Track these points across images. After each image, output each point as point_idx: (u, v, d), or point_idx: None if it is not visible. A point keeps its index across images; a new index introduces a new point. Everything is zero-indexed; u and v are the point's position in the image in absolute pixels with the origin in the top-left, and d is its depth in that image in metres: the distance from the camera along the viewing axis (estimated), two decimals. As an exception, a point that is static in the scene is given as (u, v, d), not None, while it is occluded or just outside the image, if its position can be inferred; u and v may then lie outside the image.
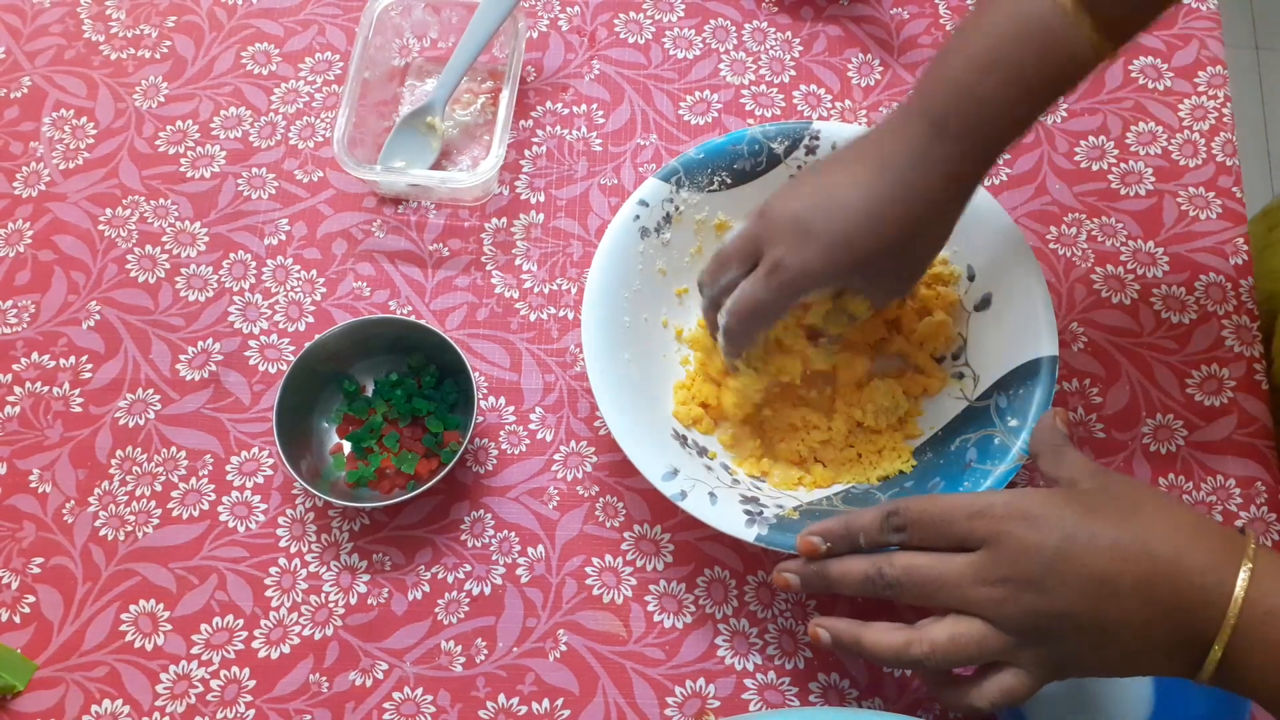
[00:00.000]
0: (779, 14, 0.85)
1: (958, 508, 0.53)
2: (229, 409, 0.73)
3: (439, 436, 0.70)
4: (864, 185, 0.58)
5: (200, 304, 0.76)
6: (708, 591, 0.68)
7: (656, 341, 0.72)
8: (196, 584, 0.69)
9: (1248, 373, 0.73)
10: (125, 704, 0.66)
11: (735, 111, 0.81)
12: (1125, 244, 0.77)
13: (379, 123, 0.80)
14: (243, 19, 0.85)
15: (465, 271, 0.77)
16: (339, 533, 0.70)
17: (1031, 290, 0.67)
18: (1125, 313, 0.75)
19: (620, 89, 0.82)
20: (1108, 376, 0.73)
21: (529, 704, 0.66)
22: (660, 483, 0.64)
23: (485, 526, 0.70)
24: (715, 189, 0.73)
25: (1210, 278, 0.75)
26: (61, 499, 0.71)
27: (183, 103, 0.82)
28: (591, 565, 0.69)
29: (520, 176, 0.80)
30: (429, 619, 0.68)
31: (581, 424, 0.73)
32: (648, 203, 0.72)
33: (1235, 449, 0.71)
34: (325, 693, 0.66)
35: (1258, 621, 0.47)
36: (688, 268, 0.74)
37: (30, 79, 0.83)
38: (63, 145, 0.81)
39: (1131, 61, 0.82)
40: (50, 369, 0.74)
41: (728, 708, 0.66)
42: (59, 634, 0.68)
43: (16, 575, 0.69)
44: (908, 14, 0.84)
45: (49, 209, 0.79)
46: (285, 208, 0.79)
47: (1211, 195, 0.78)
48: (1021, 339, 0.66)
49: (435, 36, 0.83)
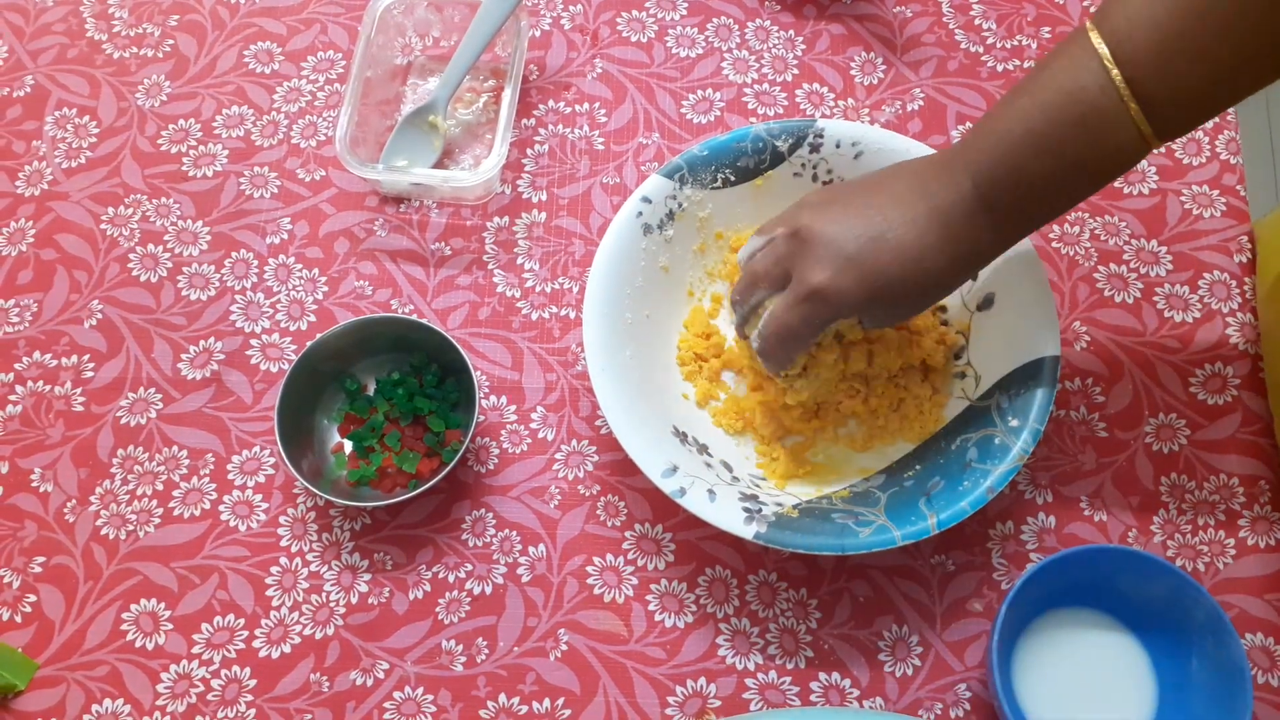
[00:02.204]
0: (781, 12, 0.85)
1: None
2: (230, 408, 0.73)
3: (440, 435, 0.70)
4: (917, 228, 0.57)
5: (202, 303, 0.76)
6: (709, 591, 0.68)
7: (658, 339, 0.72)
8: (198, 583, 0.69)
9: (1251, 371, 0.72)
10: (126, 703, 0.66)
11: (738, 110, 0.81)
12: (1128, 242, 0.76)
13: (381, 121, 0.80)
14: (245, 18, 0.85)
15: (467, 270, 0.77)
16: (340, 532, 0.70)
17: (1034, 290, 0.67)
18: (1128, 311, 0.74)
19: (623, 87, 0.82)
20: (1110, 375, 0.73)
21: (530, 703, 0.66)
22: (660, 479, 0.64)
23: (486, 526, 0.70)
24: (719, 186, 0.73)
25: (1214, 276, 0.75)
26: (63, 498, 0.71)
27: (185, 101, 0.82)
28: (593, 564, 0.69)
29: (522, 175, 0.80)
30: (430, 618, 0.68)
31: (583, 423, 0.72)
32: (650, 199, 0.71)
33: (1238, 447, 0.71)
34: (326, 692, 0.66)
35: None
36: (690, 264, 0.74)
37: (33, 78, 0.83)
38: (65, 144, 0.81)
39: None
40: (52, 368, 0.74)
41: (728, 707, 0.66)
42: (60, 633, 0.68)
43: (18, 574, 0.69)
44: (911, 12, 0.84)
45: (51, 208, 0.79)
46: (287, 206, 0.79)
47: (1215, 193, 0.77)
48: (1023, 339, 0.66)
49: (438, 35, 0.83)
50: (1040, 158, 0.54)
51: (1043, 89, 0.54)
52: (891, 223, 0.57)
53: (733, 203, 0.73)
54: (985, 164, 0.56)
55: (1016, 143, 0.54)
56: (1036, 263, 0.67)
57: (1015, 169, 0.55)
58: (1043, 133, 0.54)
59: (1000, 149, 0.55)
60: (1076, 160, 0.54)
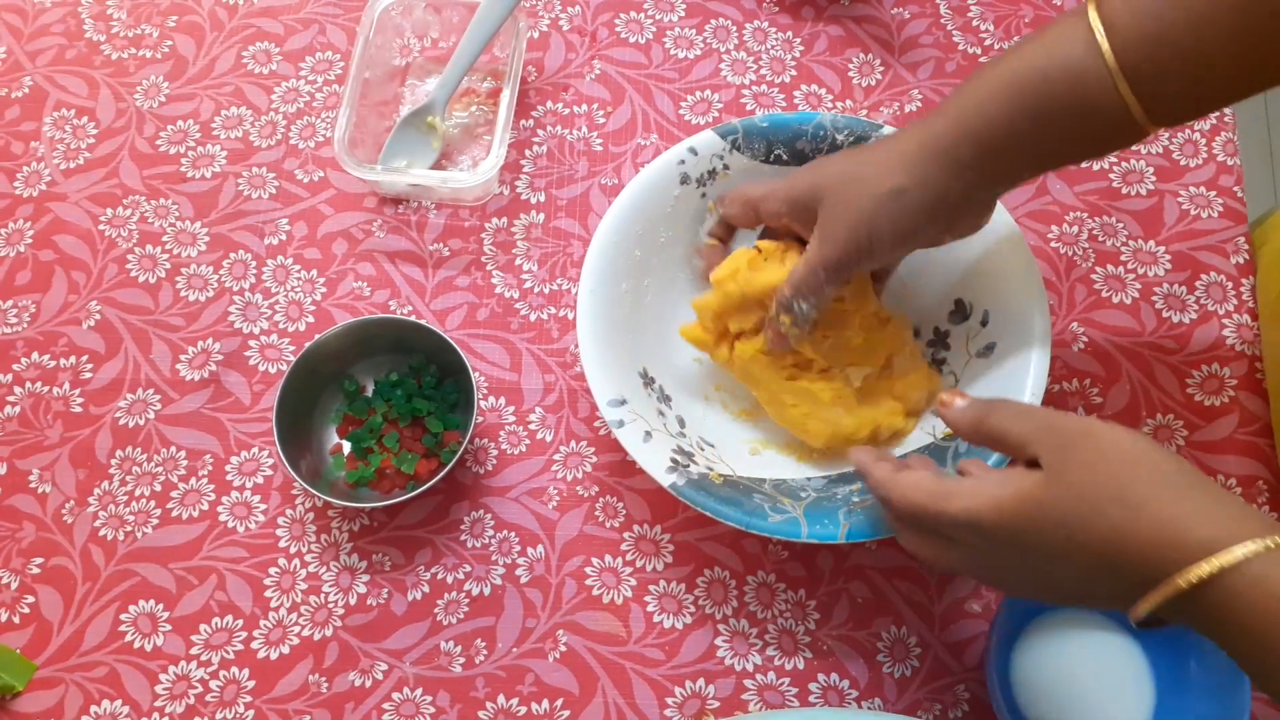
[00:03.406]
0: (780, 14, 0.85)
1: (928, 504, 0.52)
2: (229, 409, 0.73)
3: (439, 436, 0.70)
4: (895, 172, 0.57)
5: (200, 304, 0.76)
6: (707, 592, 0.68)
7: (663, 289, 0.72)
8: (196, 584, 0.69)
9: (1249, 372, 0.72)
10: (124, 704, 0.66)
11: (736, 111, 0.81)
12: (1126, 243, 0.76)
13: (379, 122, 0.80)
14: (244, 18, 0.85)
15: (465, 271, 0.77)
16: (339, 533, 0.70)
17: (1032, 348, 0.65)
18: (1126, 312, 0.75)
19: (621, 89, 0.82)
20: (1108, 376, 0.73)
21: (529, 704, 0.66)
22: (605, 407, 0.64)
23: (485, 527, 0.70)
24: (770, 161, 0.71)
25: (1211, 277, 0.75)
26: (61, 499, 0.71)
27: (183, 102, 0.82)
28: (591, 565, 0.69)
29: (521, 176, 0.80)
30: (428, 619, 0.68)
31: (581, 424, 0.72)
32: (697, 151, 0.71)
33: (1236, 448, 0.71)
34: (324, 693, 0.66)
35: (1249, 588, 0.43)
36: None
37: (31, 79, 0.83)
38: (63, 145, 0.81)
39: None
40: (50, 369, 0.74)
41: (727, 708, 0.66)
42: (58, 634, 0.68)
43: (16, 575, 0.69)
44: (908, 14, 0.84)
45: (50, 209, 0.79)
46: (286, 207, 0.79)
47: (1213, 194, 0.77)
48: (1005, 390, 0.65)
49: (436, 36, 0.83)
50: (1015, 117, 0.54)
51: (1034, 53, 0.54)
52: (872, 160, 0.59)
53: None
54: (963, 109, 0.56)
55: (996, 93, 0.55)
56: (1045, 320, 0.66)
57: (988, 120, 0.55)
58: (1023, 92, 0.54)
59: (979, 95, 0.55)
60: (1059, 128, 0.54)
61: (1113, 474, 0.46)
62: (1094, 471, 0.46)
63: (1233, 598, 0.42)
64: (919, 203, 0.57)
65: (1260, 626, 0.42)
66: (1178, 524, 0.44)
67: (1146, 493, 0.45)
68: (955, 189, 0.57)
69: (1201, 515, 0.44)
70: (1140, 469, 0.46)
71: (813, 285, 0.61)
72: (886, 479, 0.54)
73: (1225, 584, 0.42)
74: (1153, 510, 0.45)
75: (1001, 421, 0.51)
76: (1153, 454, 0.46)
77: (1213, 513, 0.44)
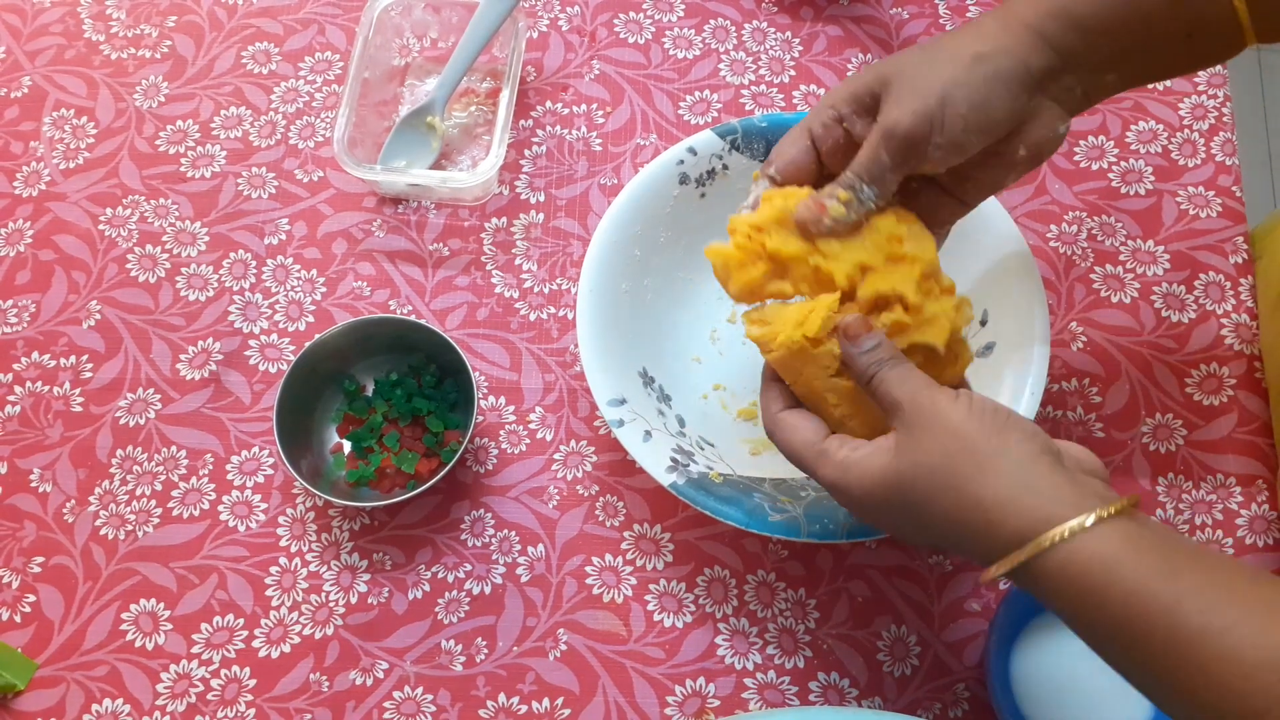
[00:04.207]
0: (779, 14, 0.85)
1: (801, 459, 0.54)
2: (229, 408, 0.73)
3: (439, 436, 0.70)
4: (974, 41, 0.54)
5: (200, 303, 0.76)
6: (708, 591, 0.68)
7: (665, 291, 0.72)
8: (197, 583, 0.69)
9: (1247, 371, 0.73)
10: (125, 703, 0.66)
11: (735, 111, 0.81)
12: (1125, 243, 0.77)
13: (379, 122, 0.80)
14: (243, 18, 0.85)
15: (465, 271, 0.77)
16: (339, 532, 0.70)
17: (1031, 347, 0.65)
18: (1125, 311, 0.75)
19: (620, 89, 0.82)
20: (1107, 376, 0.73)
21: (529, 703, 0.66)
22: (605, 406, 0.65)
23: (485, 526, 0.70)
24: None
25: (1210, 276, 0.75)
26: (62, 498, 0.71)
27: (183, 102, 0.82)
28: (591, 564, 0.69)
29: (520, 176, 0.80)
30: (429, 618, 0.68)
31: (581, 424, 0.73)
32: (696, 151, 0.71)
33: (1235, 447, 0.71)
34: (325, 692, 0.66)
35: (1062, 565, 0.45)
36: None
37: (30, 79, 0.83)
38: (63, 145, 0.81)
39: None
40: (51, 368, 0.74)
41: (727, 707, 0.66)
42: (59, 633, 0.68)
43: (17, 574, 0.69)
44: (907, 14, 0.84)
45: (49, 209, 0.79)
46: (285, 207, 0.79)
47: (1211, 194, 0.78)
48: (1005, 390, 0.65)
49: (435, 36, 0.83)
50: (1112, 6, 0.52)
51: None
52: (945, 38, 0.56)
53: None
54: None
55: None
56: (1045, 327, 0.65)
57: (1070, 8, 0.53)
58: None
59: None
60: (1154, 21, 0.52)
61: (948, 458, 0.48)
62: (929, 455, 0.49)
63: (1047, 579, 0.46)
64: (998, 70, 0.53)
65: (1072, 608, 0.46)
66: (993, 514, 0.47)
67: (972, 478, 0.48)
68: (1036, 65, 0.53)
69: (1015, 505, 0.47)
70: (971, 456, 0.48)
71: (876, 167, 0.53)
72: (769, 418, 0.55)
73: (1038, 568, 0.46)
74: (973, 494, 0.48)
75: (884, 382, 0.52)
76: (983, 441, 0.48)
77: (1026, 500, 0.47)
